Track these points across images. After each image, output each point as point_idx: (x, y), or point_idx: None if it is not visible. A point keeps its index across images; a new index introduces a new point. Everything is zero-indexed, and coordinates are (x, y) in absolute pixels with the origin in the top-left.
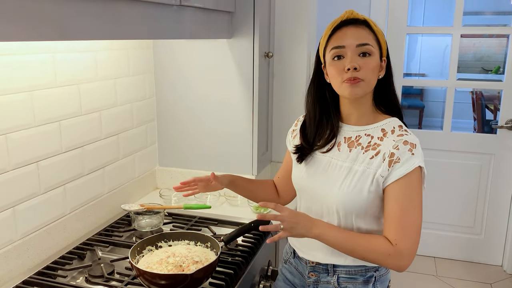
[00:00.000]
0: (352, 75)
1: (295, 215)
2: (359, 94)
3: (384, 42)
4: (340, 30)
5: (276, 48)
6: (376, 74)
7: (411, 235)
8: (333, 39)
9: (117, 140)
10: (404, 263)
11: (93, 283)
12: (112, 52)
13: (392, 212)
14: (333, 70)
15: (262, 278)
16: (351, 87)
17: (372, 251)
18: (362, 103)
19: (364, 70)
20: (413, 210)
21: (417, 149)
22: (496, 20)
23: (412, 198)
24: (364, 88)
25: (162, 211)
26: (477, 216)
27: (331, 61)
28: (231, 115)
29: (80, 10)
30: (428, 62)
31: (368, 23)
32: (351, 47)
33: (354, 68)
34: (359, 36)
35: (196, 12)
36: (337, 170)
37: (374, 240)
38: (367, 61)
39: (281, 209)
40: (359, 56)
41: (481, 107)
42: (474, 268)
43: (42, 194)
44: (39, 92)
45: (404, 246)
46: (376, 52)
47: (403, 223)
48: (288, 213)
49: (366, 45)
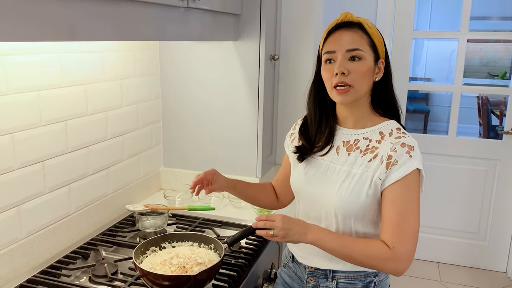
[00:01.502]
0: (340, 79)
1: (288, 221)
2: (349, 101)
3: (381, 44)
4: (334, 34)
5: (282, 51)
6: (367, 78)
7: (408, 238)
8: (327, 43)
9: (122, 141)
10: (402, 267)
11: (96, 283)
12: (118, 53)
13: (389, 215)
14: (325, 73)
15: (265, 281)
16: (340, 96)
17: (370, 256)
18: (358, 107)
19: (353, 74)
20: (410, 213)
21: (415, 151)
22: (503, 25)
23: (410, 200)
24: (353, 95)
25: (166, 212)
26: (481, 221)
27: (324, 65)
28: (236, 118)
29: (87, 11)
30: (434, 67)
31: (362, 26)
32: (341, 52)
33: (342, 73)
34: (351, 40)
35: (203, 14)
36: (336, 174)
37: (371, 245)
38: (357, 66)
39: (272, 217)
40: (349, 60)
41: (487, 113)
42: (478, 274)
43: (47, 194)
44: (46, 92)
45: (402, 249)
46: (368, 56)
47: (400, 227)
48: (280, 219)
49: (356, 50)
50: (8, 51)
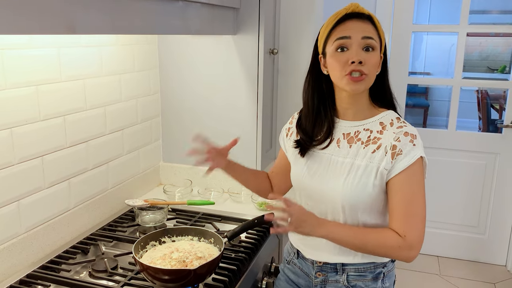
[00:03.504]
0: (356, 67)
1: (304, 212)
2: (360, 90)
3: (384, 39)
4: (344, 23)
5: (281, 45)
6: (376, 69)
7: (418, 225)
8: (337, 30)
9: (122, 136)
10: (414, 253)
11: (96, 277)
12: (117, 48)
13: (397, 205)
14: (335, 62)
15: (265, 275)
16: (353, 84)
17: (382, 245)
18: (360, 98)
19: (368, 64)
20: (417, 201)
21: (417, 140)
22: (502, 19)
23: (416, 189)
24: (366, 84)
25: (165, 207)
26: (481, 215)
27: (333, 53)
28: (235, 112)
29: (86, 4)
30: (433, 61)
31: (372, 19)
32: (357, 39)
33: (359, 61)
34: (366, 29)
35: (202, 8)
36: (339, 167)
37: (383, 234)
38: (371, 56)
39: (290, 203)
40: (363, 50)
41: (487, 106)
42: (477, 268)
43: (46, 189)
44: (45, 87)
45: (413, 237)
46: (378, 48)
47: (409, 215)
48: (298, 208)
49: (371, 39)
50: (6, 45)
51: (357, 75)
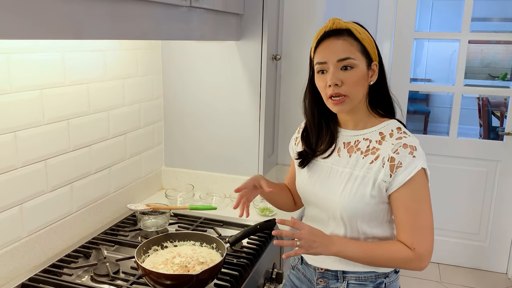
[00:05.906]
0: (334, 91)
1: (313, 233)
2: (345, 110)
3: (373, 47)
4: (323, 43)
5: (284, 51)
6: (362, 85)
7: (426, 236)
8: (317, 52)
9: (124, 140)
10: (425, 263)
11: (98, 282)
12: (121, 52)
13: (403, 218)
14: (319, 83)
15: (267, 281)
16: (336, 106)
17: (393, 259)
18: (356, 110)
19: (346, 84)
20: (423, 212)
21: (417, 151)
22: (504, 26)
23: (420, 200)
24: (349, 104)
25: (167, 212)
26: (482, 222)
27: (316, 75)
28: (238, 117)
29: (90, 10)
30: (434, 68)
31: (351, 32)
32: (332, 62)
33: (335, 84)
34: (341, 49)
35: (205, 14)
36: (338, 176)
37: (392, 248)
38: (349, 75)
39: (299, 226)
40: (341, 69)
41: (488, 114)
42: (478, 275)
43: (49, 192)
44: (49, 91)
45: (422, 248)
46: (360, 63)
47: (417, 227)
48: (307, 231)
49: (347, 59)
50: (11, 49)
51: (337, 98)
